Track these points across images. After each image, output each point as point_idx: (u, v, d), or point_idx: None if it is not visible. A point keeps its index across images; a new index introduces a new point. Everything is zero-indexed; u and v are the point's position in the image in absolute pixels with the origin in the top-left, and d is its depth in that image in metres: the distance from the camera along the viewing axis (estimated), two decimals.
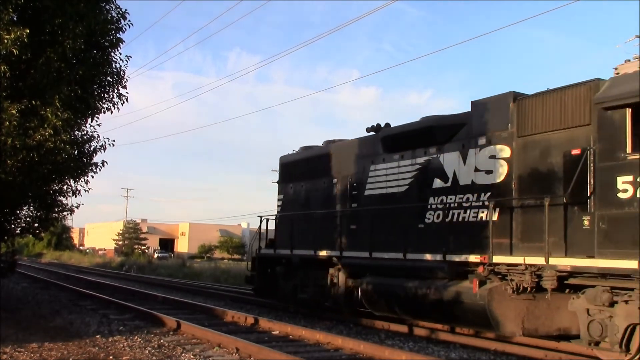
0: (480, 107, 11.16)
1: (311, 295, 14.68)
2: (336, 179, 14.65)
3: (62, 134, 10.05)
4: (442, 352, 10.18)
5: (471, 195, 10.98)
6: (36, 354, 8.85)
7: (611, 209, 8.43)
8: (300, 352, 9.56)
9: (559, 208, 9.27)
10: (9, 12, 9.11)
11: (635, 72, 8.92)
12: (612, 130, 8.54)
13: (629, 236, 8.08)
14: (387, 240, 12.36)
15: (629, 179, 8.21)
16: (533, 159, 9.99)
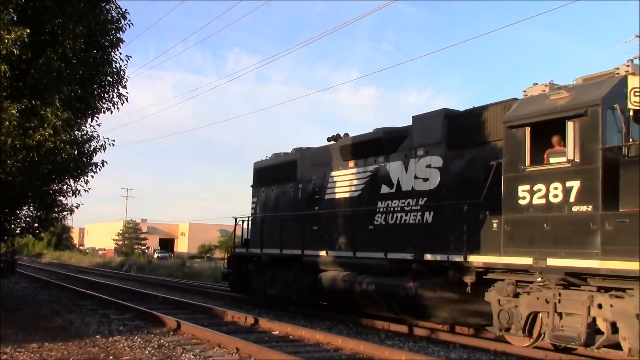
0: (419, 122, 12.58)
1: (279, 291, 15.99)
2: (301, 184, 16.00)
3: (62, 134, 10.05)
4: (442, 352, 10.18)
5: (411, 200, 12.36)
6: (36, 354, 8.85)
7: (513, 214, 9.81)
8: (300, 352, 9.56)
9: (477, 212, 10.58)
10: (9, 12, 9.12)
11: (537, 95, 10.11)
12: (515, 146, 9.89)
13: (526, 237, 9.56)
14: (342, 240, 13.78)
15: (527, 188, 9.61)
16: (461, 168, 11.48)
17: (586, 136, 8.91)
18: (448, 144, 11.72)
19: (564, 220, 9.06)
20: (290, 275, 15.43)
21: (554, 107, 9.44)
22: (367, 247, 12.85)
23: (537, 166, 9.58)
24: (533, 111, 9.72)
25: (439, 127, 11.91)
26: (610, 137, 8.91)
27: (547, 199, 9.32)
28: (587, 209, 8.80)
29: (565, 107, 9.26)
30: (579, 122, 8.96)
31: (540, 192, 9.43)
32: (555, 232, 9.15)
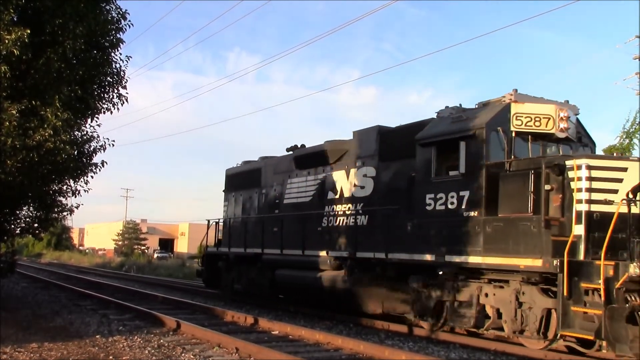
0: (358, 136, 14.14)
1: (244, 286, 17.83)
2: (264, 190, 17.61)
3: (62, 134, 10.06)
4: (442, 352, 10.19)
5: (351, 205, 13.88)
6: (36, 354, 8.85)
7: (422, 218, 11.51)
8: (300, 352, 9.57)
9: (399, 216, 12.14)
10: (9, 12, 9.12)
11: (444, 117, 11.80)
12: (425, 161, 11.66)
13: (431, 237, 11.29)
14: (295, 240, 15.08)
15: (432, 196, 11.33)
16: (389, 178, 12.97)
17: (474, 154, 10.63)
18: (380, 156, 13.21)
19: (457, 223, 10.73)
20: (254, 271, 17.16)
21: (452, 129, 11.21)
22: (315, 247, 14.47)
23: (439, 178, 11.32)
24: (438, 132, 11.53)
25: (373, 141, 13.45)
26: (495, 154, 10.61)
27: (446, 206, 11.06)
28: (474, 214, 10.47)
29: (459, 129, 11.02)
30: (469, 142, 10.70)
31: (441, 200, 11.15)
32: (452, 233, 10.84)
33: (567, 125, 10.90)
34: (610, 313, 8.29)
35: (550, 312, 9.51)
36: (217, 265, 19.19)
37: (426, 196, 11.39)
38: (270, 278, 16.18)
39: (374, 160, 13.33)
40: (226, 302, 17.68)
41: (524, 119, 10.76)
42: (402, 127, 12.99)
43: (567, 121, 10.88)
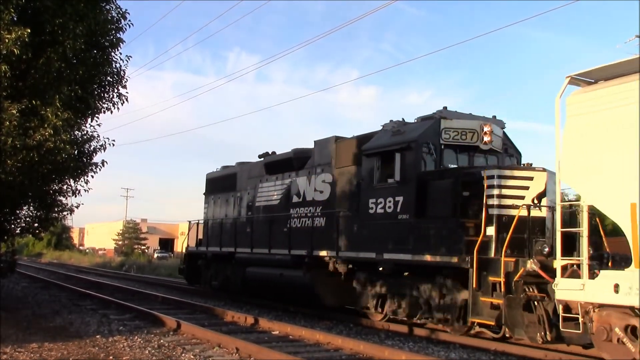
0: (318, 145, 15.31)
1: (221, 282, 19.17)
2: (239, 193, 18.84)
3: (62, 134, 10.05)
4: (442, 352, 10.19)
5: (311, 208, 15.03)
6: (36, 354, 8.85)
7: (366, 220, 12.84)
8: (300, 352, 9.57)
9: (348, 218, 13.52)
10: (9, 11, 9.12)
11: (386, 131, 13.09)
12: (369, 169, 12.98)
13: (372, 237, 12.54)
14: (264, 240, 16.44)
15: (374, 201, 12.64)
16: (343, 183, 14.10)
17: (407, 164, 11.99)
18: (336, 164, 14.40)
19: (393, 225, 12.07)
20: (229, 269, 18.56)
21: (390, 142, 12.57)
22: (280, 246, 15.75)
23: (380, 184, 12.60)
24: (379, 144, 12.87)
25: (330, 150, 14.68)
26: (425, 164, 12.08)
27: (384, 209, 12.37)
28: (406, 217, 11.85)
29: (396, 142, 12.40)
30: (403, 154, 12.03)
31: (381, 204, 12.48)
32: (388, 234, 12.17)
33: (491, 139, 12.32)
34: (508, 302, 9.63)
35: (467, 302, 10.69)
36: (197, 263, 20.72)
37: (369, 201, 12.77)
38: (242, 275, 17.46)
39: (331, 167, 14.60)
40: (226, 302, 17.70)
41: (452, 133, 12.19)
42: (356, 137, 14.27)
43: (490, 135, 12.28)
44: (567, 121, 9.18)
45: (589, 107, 8.88)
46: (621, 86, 8.66)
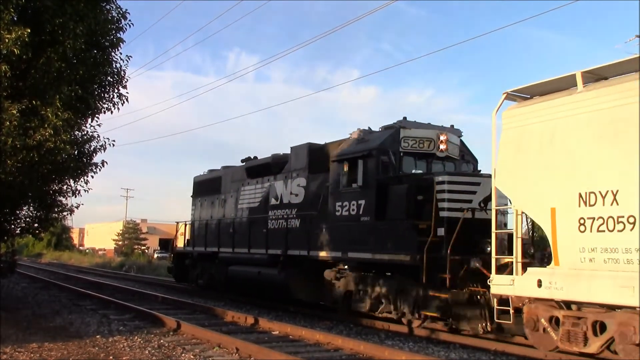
0: (294, 151, 16.20)
1: (206, 280, 20.26)
2: (224, 196, 19.83)
3: (62, 134, 10.04)
4: (442, 352, 10.19)
5: (287, 210, 15.94)
6: (36, 354, 8.85)
7: (333, 222, 13.83)
8: (300, 352, 9.57)
9: (318, 220, 14.40)
10: (9, 11, 9.12)
11: (352, 139, 14.00)
12: (336, 174, 13.90)
13: (338, 237, 13.58)
14: (244, 240, 17.52)
15: (340, 204, 13.64)
16: (315, 187, 14.98)
17: (369, 170, 12.90)
18: (309, 169, 15.29)
19: (356, 226, 13.03)
20: (213, 268, 19.59)
21: (355, 149, 13.51)
22: (259, 246, 16.80)
23: (345, 189, 13.51)
24: (345, 151, 13.82)
25: (304, 156, 15.54)
26: (385, 171, 12.91)
27: (349, 212, 13.35)
28: (367, 219, 12.79)
29: (359, 149, 13.34)
30: (365, 161, 12.98)
31: (346, 207, 13.44)
32: (352, 234, 13.09)
33: (447, 147, 13.30)
34: (453, 296, 10.72)
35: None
36: (185, 262, 21.92)
37: (336, 204, 13.75)
38: (225, 273, 18.48)
39: (305, 172, 15.51)
40: (226, 302, 17.71)
41: (411, 142, 13.14)
42: (327, 144, 15.30)
43: (446, 143, 13.24)
44: (502, 133, 10.15)
45: (519, 121, 9.90)
46: (544, 103, 9.77)
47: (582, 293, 8.58)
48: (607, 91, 8.87)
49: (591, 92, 8.99)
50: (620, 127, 8.48)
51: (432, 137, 13.15)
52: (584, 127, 8.96)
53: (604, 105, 8.80)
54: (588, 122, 8.88)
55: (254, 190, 18.00)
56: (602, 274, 8.37)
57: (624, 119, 8.52)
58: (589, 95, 9.01)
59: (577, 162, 8.88)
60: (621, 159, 8.36)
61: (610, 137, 8.58)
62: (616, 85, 8.89)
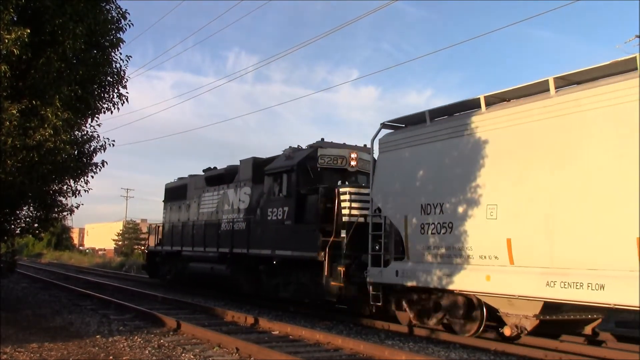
0: (242, 164, 18.98)
1: (173, 276, 23.13)
2: (188, 201, 22.43)
3: (62, 134, 10.02)
4: (442, 352, 10.19)
5: (237, 214, 18.56)
6: (36, 354, 8.85)
7: (265, 225, 16.52)
8: (300, 352, 9.57)
9: (256, 223, 17.20)
10: (9, 12, 9.09)
11: (282, 155, 16.73)
12: (269, 185, 16.70)
13: (270, 238, 16.17)
14: (201, 240, 20.38)
15: (271, 210, 16.36)
16: (257, 195, 17.55)
17: (292, 182, 15.63)
18: (253, 180, 17.88)
19: (281, 229, 15.72)
20: (178, 264, 22.33)
21: (282, 165, 16.28)
22: (212, 245, 19.51)
23: (274, 197, 16.27)
24: (275, 166, 16.61)
25: (249, 169, 18.28)
26: (304, 183, 15.41)
27: (277, 217, 15.97)
28: (289, 223, 15.45)
29: (285, 165, 16.12)
30: (289, 174, 15.77)
31: (275, 213, 16.08)
32: (279, 235, 15.74)
33: (357, 163, 15.75)
34: (346, 285, 13.46)
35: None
36: (156, 260, 25.04)
37: (268, 210, 16.44)
38: (186, 269, 21.45)
39: (250, 182, 18.09)
40: (226, 302, 17.72)
41: (326, 159, 15.61)
42: (265, 159, 17.96)
43: (357, 160, 15.74)
44: (378, 156, 13.32)
45: (387, 147, 13.06)
46: (397, 134, 12.94)
47: (421, 281, 11.72)
48: (438, 127, 11.96)
49: (431, 127, 12.14)
50: (442, 159, 11.64)
51: (344, 155, 15.61)
52: (425, 155, 12.04)
53: (437, 138, 11.87)
54: (428, 151, 11.98)
55: (211, 197, 20.58)
56: (430, 266, 11.53)
57: (441, 152, 11.69)
58: (431, 128, 12.13)
59: (416, 183, 12.05)
60: (445, 180, 11.45)
61: (438, 164, 11.68)
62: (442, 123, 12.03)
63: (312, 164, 15.59)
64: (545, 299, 9.76)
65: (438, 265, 11.31)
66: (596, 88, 9.48)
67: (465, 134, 11.22)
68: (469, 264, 10.86)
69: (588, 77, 9.93)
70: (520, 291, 10.00)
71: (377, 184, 13.01)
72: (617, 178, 8.88)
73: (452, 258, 11.13)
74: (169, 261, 23.43)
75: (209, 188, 20.78)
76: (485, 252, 10.54)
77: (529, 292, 9.89)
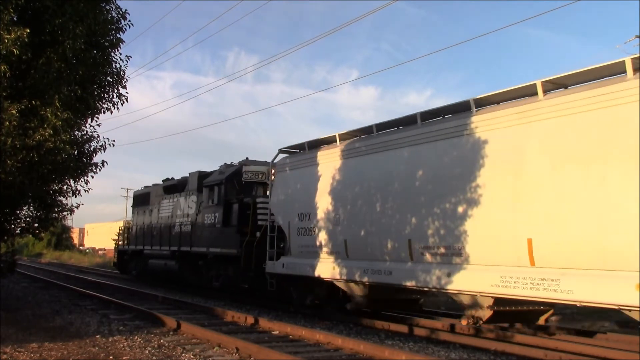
0: (190, 176, 22.31)
1: (137, 271, 26.84)
2: (151, 207, 25.90)
3: (62, 134, 10.01)
4: (442, 352, 10.18)
5: (185, 218, 21.83)
6: (36, 354, 8.85)
7: (203, 227, 20.08)
8: (300, 352, 9.57)
9: (197, 225, 20.80)
10: (9, 12, 9.09)
11: (218, 170, 20.51)
12: (207, 194, 20.17)
13: (206, 238, 19.72)
14: (159, 241, 23.82)
15: (207, 215, 19.90)
16: (200, 203, 20.77)
17: (222, 193, 19.26)
18: (198, 189, 21.12)
19: (214, 230, 19.25)
20: (141, 261, 25.88)
21: (215, 179, 19.92)
22: (167, 245, 22.89)
23: (209, 205, 19.77)
24: (210, 180, 20.19)
25: (195, 180, 21.54)
26: (231, 194, 19.10)
27: (211, 221, 19.56)
28: (219, 226, 18.95)
29: (217, 179, 19.75)
30: (219, 187, 19.44)
31: (210, 217, 19.68)
32: (212, 236, 19.33)
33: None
34: (255, 275, 16.71)
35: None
36: (124, 258, 28.99)
37: (205, 215, 20.04)
38: (148, 265, 24.83)
39: (195, 192, 21.39)
40: (226, 302, 17.72)
41: (250, 174, 18.43)
42: (207, 172, 21.28)
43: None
44: (275, 176, 16.59)
45: (279, 169, 16.40)
46: (291, 158, 16.22)
47: (296, 271, 15.02)
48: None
49: (307, 154, 15.46)
50: (310, 179, 14.88)
51: (264, 171, 18.06)
52: (301, 176, 15.41)
53: (308, 164, 15.25)
54: (302, 174, 15.32)
55: (168, 204, 23.94)
56: (304, 260, 14.78)
57: (311, 174, 14.92)
58: (306, 156, 15.44)
59: (296, 197, 15.37)
60: (310, 196, 14.66)
61: (308, 183, 14.94)
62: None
63: (238, 179, 19.05)
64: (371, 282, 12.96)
65: (307, 259, 14.73)
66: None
67: (320, 163, 14.81)
68: (324, 258, 14.20)
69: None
70: (350, 276, 13.40)
71: (273, 197, 16.42)
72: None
73: (314, 254, 14.54)
74: (135, 259, 27.19)
75: (166, 196, 24.30)
76: (332, 249, 13.98)
77: (357, 277, 13.28)
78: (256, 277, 16.59)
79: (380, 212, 12.59)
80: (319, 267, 14.15)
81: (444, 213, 11.08)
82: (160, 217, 24.38)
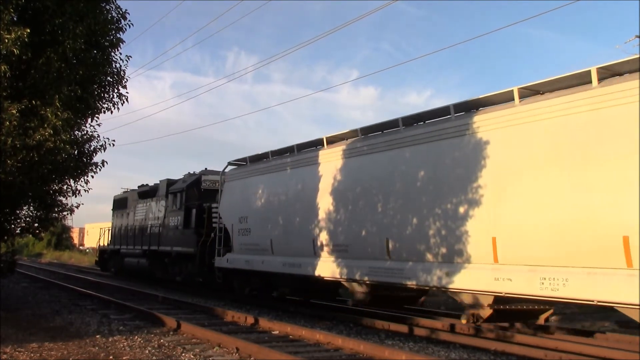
0: (160, 183, 25.00)
1: (117, 269, 29.52)
2: (128, 211, 28.45)
3: (62, 133, 10.01)
4: (442, 352, 10.18)
5: (156, 221, 24.19)
6: (36, 354, 8.85)
7: (168, 229, 22.83)
8: (300, 352, 9.56)
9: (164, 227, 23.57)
10: (9, 11, 9.09)
11: (182, 179, 23.43)
12: (172, 200, 22.90)
13: (170, 238, 22.80)
14: (133, 241, 26.46)
15: (172, 218, 22.74)
16: (167, 208, 23.31)
17: (183, 199, 21.94)
18: (166, 195, 23.61)
19: (177, 232, 21.97)
20: (118, 259, 28.91)
21: (178, 187, 22.66)
22: (140, 244, 25.36)
23: (173, 209, 22.52)
24: (175, 187, 22.92)
25: (164, 187, 24.12)
26: (192, 199, 21.57)
27: (174, 223, 22.27)
28: (181, 227, 21.64)
29: (179, 187, 22.47)
30: (181, 193, 22.31)
31: (173, 220, 22.40)
32: (175, 236, 21.98)
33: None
34: (210, 270, 19.44)
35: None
36: (104, 256, 32.16)
37: (170, 218, 22.69)
38: (124, 263, 27.73)
39: (164, 197, 23.83)
40: (226, 302, 17.71)
41: (208, 183, 21.38)
42: (174, 180, 23.87)
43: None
44: (223, 184, 19.37)
45: (227, 179, 19.31)
46: (236, 170, 19.08)
47: (234, 264, 18.08)
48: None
49: (249, 167, 18.40)
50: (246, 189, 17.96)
51: (219, 179, 20.00)
52: (241, 186, 18.37)
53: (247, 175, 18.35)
54: (243, 184, 18.32)
55: (142, 207, 26.36)
56: (243, 256, 17.63)
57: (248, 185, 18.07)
58: (247, 169, 18.40)
59: (238, 203, 18.18)
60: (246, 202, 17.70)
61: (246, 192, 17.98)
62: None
63: (197, 187, 21.71)
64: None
65: (246, 255, 17.55)
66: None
67: (254, 176, 17.87)
68: (260, 254, 16.85)
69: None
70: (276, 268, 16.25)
71: (221, 203, 19.17)
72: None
73: (252, 250, 17.28)
74: (114, 257, 30.14)
75: (141, 200, 26.80)
76: (262, 247, 16.75)
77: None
78: (209, 272, 19.31)
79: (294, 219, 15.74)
80: (253, 262, 17.15)
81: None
82: (135, 220, 26.97)
